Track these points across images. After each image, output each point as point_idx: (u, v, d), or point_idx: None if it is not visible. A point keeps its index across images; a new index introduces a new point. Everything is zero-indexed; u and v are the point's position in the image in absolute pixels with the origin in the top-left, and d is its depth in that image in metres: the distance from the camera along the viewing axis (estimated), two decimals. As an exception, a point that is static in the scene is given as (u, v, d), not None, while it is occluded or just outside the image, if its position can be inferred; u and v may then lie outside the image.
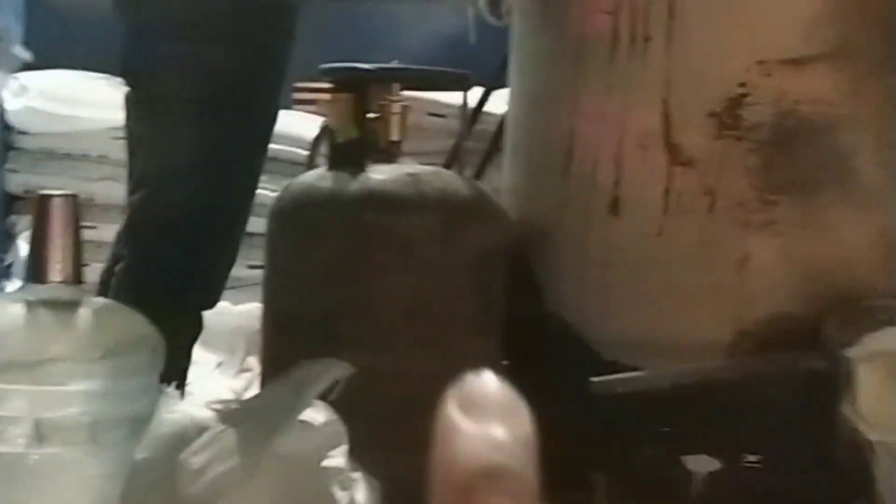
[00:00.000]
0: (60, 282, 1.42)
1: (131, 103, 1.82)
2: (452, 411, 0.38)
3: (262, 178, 1.89)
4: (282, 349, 1.65)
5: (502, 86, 2.10)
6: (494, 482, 0.39)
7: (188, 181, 1.67)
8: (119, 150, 3.69)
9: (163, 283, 1.70)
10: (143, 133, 1.75)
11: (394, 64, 2.16)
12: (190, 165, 1.67)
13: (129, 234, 1.75)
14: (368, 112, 1.84)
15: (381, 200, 1.66)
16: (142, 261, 1.73)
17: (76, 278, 1.44)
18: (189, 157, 1.67)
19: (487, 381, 0.37)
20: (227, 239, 1.71)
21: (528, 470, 0.38)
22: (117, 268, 1.80)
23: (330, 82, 1.90)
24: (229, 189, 1.68)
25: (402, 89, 1.89)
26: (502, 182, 1.90)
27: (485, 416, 0.38)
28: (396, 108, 1.87)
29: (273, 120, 1.76)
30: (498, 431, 0.38)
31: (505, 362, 1.70)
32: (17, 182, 3.96)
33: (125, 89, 1.85)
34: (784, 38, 1.49)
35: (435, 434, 0.36)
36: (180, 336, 1.67)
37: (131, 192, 1.77)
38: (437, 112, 3.49)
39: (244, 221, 1.75)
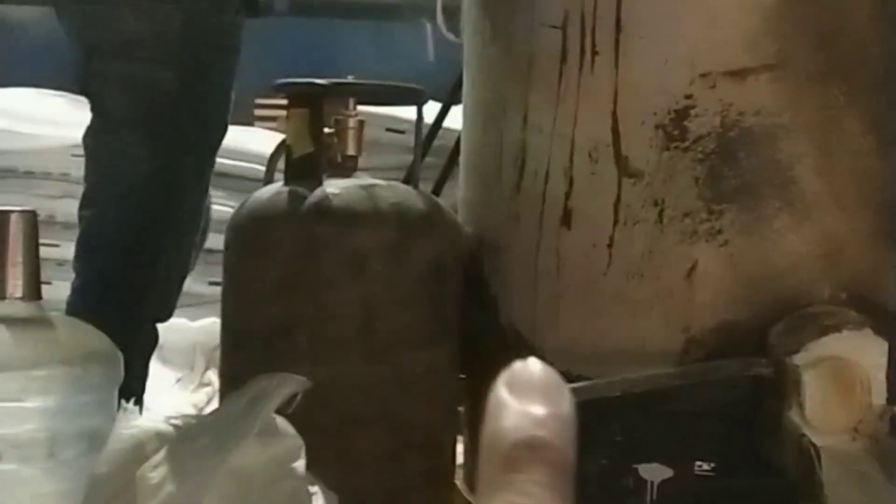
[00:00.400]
0: (18, 298, 1.44)
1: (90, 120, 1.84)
2: (501, 391, 0.44)
3: (222, 194, 1.92)
4: (239, 363, 1.66)
5: (460, 101, 2.12)
6: (535, 453, 0.44)
7: (137, 197, 1.69)
8: (79, 168, 3.70)
9: (116, 298, 1.72)
10: (94, 149, 1.77)
11: (349, 79, 2.19)
12: (138, 181, 1.69)
13: (81, 250, 1.77)
14: (324, 127, 1.86)
15: (334, 214, 1.68)
16: (94, 276, 1.74)
17: (34, 294, 1.45)
18: (137, 174, 1.69)
19: (533, 365, 0.44)
20: (177, 252, 1.72)
21: (567, 444, 0.43)
22: (72, 283, 1.81)
23: (285, 98, 1.91)
24: (178, 203, 1.69)
25: (358, 104, 1.91)
26: (458, 196, 1.92)
27: (529, 395, 0.44)
28: (352, 122, 1.88)
29: (221, 135, 1.79)
30: (540, 409, 0.44)
31: (461, 375, 1.73)
32: (-23, 201, 3.96)
33: (85, 107, 1.88)
34: (727, 50, 1.52)
35: (485, 411, 0.43)
36: (137, 349, 1.69)
37: (82, 206, 1.79)
38: (396, 128, 3.52)
39: (194, 233, 1.77)
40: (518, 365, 0.47)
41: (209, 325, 2.58)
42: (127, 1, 1.70)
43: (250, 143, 3.82)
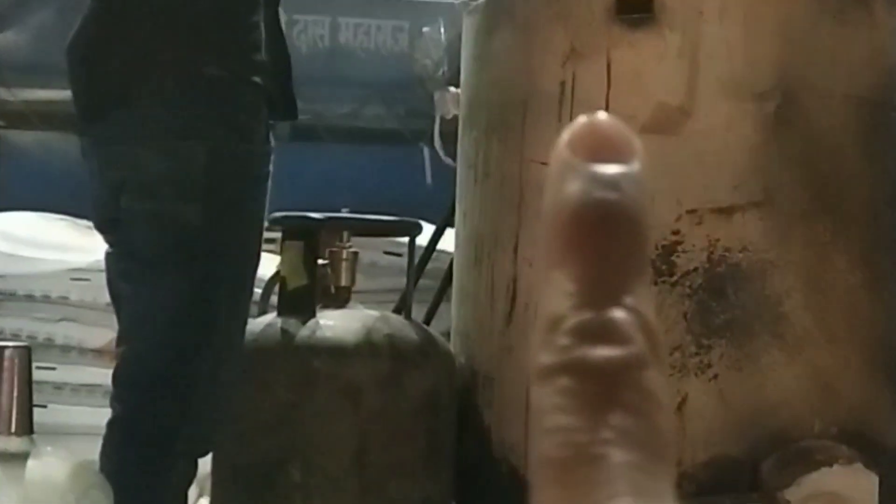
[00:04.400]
0: (11, 433, 1.44)
1: (110, 260, 1.83)
2: (562, 149, 0.34)
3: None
4: (231, 496, 1.66)
5: (454, 225, 2.15)
6: (606, 219, 0.35)
7: (171, 333, 1.68)
8: (79, 291, 3.72)
9: (154, 434, 1.70)
10: (122, 289, 1.76)
11: (344, 212, 2.21)
12: (170, 318, 1.68)
13: (116, 385, 1.75)
14: (319, 259, 1.88)
15: (329, 347, 1.69)
16: (129, 412, 1.72)
17: (27, 429, 1.46)
18: (168, 310, 1.68)
19: (600, 118, 0.33)
20: (215, 384, 1.71)
21: (642, 208, 0.34)
22: (108, 419, 1.79)
23: (281, 231, 1.94)
24: (213, 336, 1.69)
25: (352, 235, 1.94)
26: (452, 325, 1.93)
27: (596, 152, 0.34)
28: (346, 254, 1.91)
29: (254, 266, 1.77)
30: (610, 168, 0.34)
31: (455, 506, 1.72)
32: (-24, 323, 3.96)
33: (86, 231, 1.88)
34: (714, 188, 1.54)
35: (547, 174, 0.33)
36: (171, 484, 1.67)
37: (117, 344, 1.78)
38: (394, 251, 3.54)
39: (233, 364, 1.75)
40: (581, 118, 0.37)
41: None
42: (152, 139, 1.71)
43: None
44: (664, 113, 1.56)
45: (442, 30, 3.64)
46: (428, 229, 2.24)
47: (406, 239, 1.94)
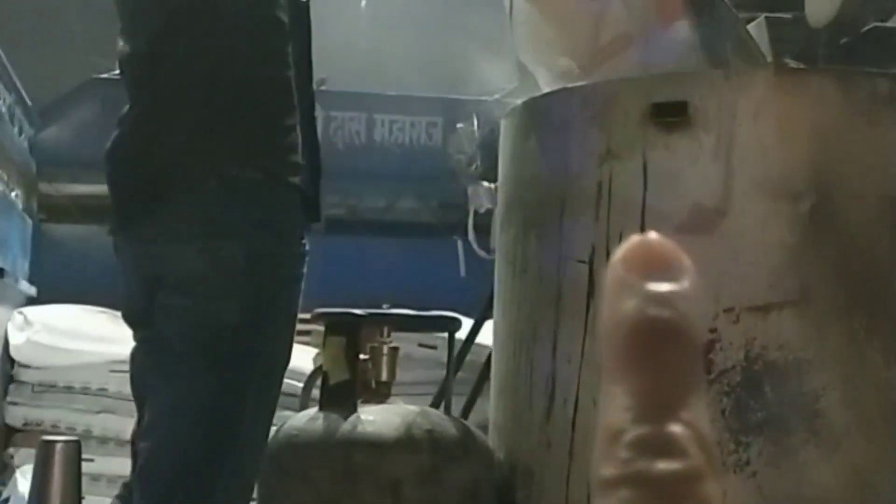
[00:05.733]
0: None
1: (138, 355, 1.85)
2: (618, 268, 0.35)
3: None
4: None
5: (491, 317, 2.18)
6: (661, 336, 0.37)
7: (195, 429, 1.69)
8: (118, 383, 3.76)
9: None
10: (151, 383, 1.77)
11: (385, 308, 2.25)
12: (197, 413, 1.69)
13: (139, 482, 1.75)
14: (360, 354, 1.91)
15: (370, 442, 1.72)
16: None
17: (74, 522, 1.48)
18: (196, 405, 1.69)
19: (652, 238, 0.35)
20: (238, 479, 1.71)
21: (694, 324, 0.36)
22: None
23: (324, 326, 1.97)
24: (238, 432, 1.69)
25: (393, 330, 1.97)
26: (490, 419, 1.95)
27: (650, 271, 0.36)
28: (387, 349, 1.94)
29: (285, 362, 1.79)
30: (663, 286, 0.36)
31: None
32: (16, 415, 3.99)
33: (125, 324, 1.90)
34: (750, 286, 1.57)
35: (605, 290, 0.35)
36: None
37: (140, 438, 1.77)
38: (428, 343, 3.57)
39: (256, 459, 1.76)
40: (635, 238, 0.39)
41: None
42: (191, 237, 1.74)
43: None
44: (700, 213, 1.59)
45: (476, 125, 3.70)
46: (460, 320, 2.26)
47: (441, 333, 1.97)
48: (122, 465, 3.60)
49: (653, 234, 0.39)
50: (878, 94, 1.61)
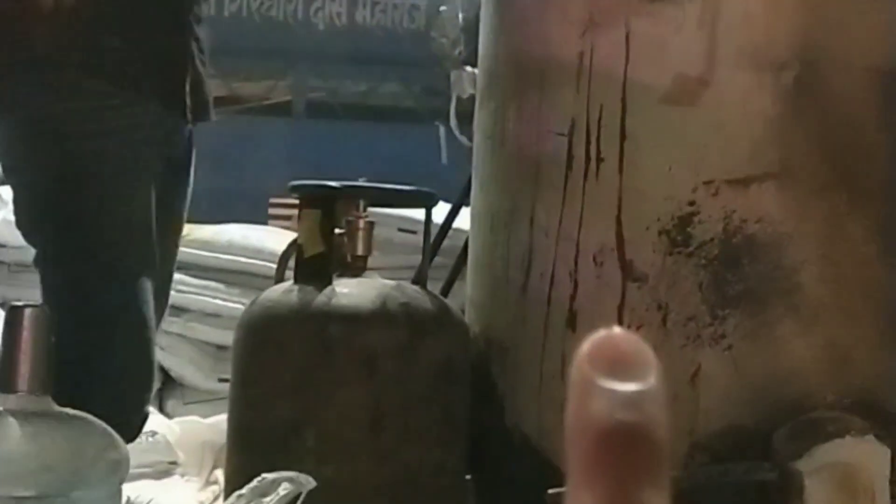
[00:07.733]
0: (28, 392, 1.45)
1: None
2: (584, 365, 0.35)
3: (237, 291, 1.94)
4: (246, 462, 1.67)
5: (469, 204, 2.16)
6: (626, 438, 0.39)
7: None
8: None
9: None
10: None
11: (361, 181, 2.22)
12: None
13: None
14: (335, 227, 1.89)
15: (345, 314, 1.70)
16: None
17: (44, 389, 1.47)
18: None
19: (616, 336, 0.34)
20: (101, 354, 1.84)
21: (659, 424, 0.39)
22: None
23: (298, 198, 1.95)
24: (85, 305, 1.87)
25: (370, 206, 1.95)
26: (466, 295, 1.94)
27: (615, 371, 0.36)
28: (363, 224, 1.92)
29: (122, 233, 1.98)
30: (628, 387, 0.38)
31: (467, 475, 1.73)
32: (-7, 294, 3.99)
33: None
34: (730, 158, 1.55)
35: (570, 388, 0.35)
36: None
37: None
38: (408, 228, 3.55)
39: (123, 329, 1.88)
40: (600, 335, 0.39)
41: (220, 422, 2.58)
42: None
43: (265, 241, 3.86)
44: (683, 83, 1.56)
45: (459, 9, 3.64)
46: (441, 208, 2.24)
47: (421, 216, 1.95)
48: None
49: (617, 330, 0.39)
50: (867, -36, 1.58)
